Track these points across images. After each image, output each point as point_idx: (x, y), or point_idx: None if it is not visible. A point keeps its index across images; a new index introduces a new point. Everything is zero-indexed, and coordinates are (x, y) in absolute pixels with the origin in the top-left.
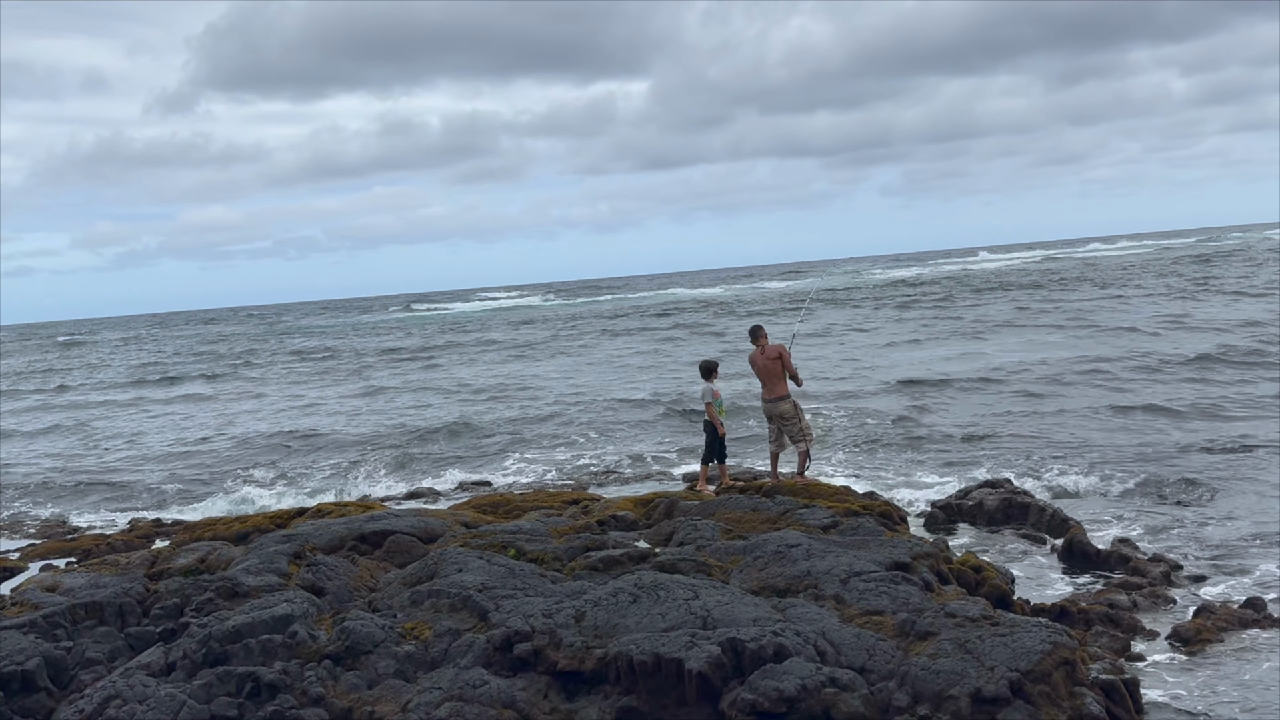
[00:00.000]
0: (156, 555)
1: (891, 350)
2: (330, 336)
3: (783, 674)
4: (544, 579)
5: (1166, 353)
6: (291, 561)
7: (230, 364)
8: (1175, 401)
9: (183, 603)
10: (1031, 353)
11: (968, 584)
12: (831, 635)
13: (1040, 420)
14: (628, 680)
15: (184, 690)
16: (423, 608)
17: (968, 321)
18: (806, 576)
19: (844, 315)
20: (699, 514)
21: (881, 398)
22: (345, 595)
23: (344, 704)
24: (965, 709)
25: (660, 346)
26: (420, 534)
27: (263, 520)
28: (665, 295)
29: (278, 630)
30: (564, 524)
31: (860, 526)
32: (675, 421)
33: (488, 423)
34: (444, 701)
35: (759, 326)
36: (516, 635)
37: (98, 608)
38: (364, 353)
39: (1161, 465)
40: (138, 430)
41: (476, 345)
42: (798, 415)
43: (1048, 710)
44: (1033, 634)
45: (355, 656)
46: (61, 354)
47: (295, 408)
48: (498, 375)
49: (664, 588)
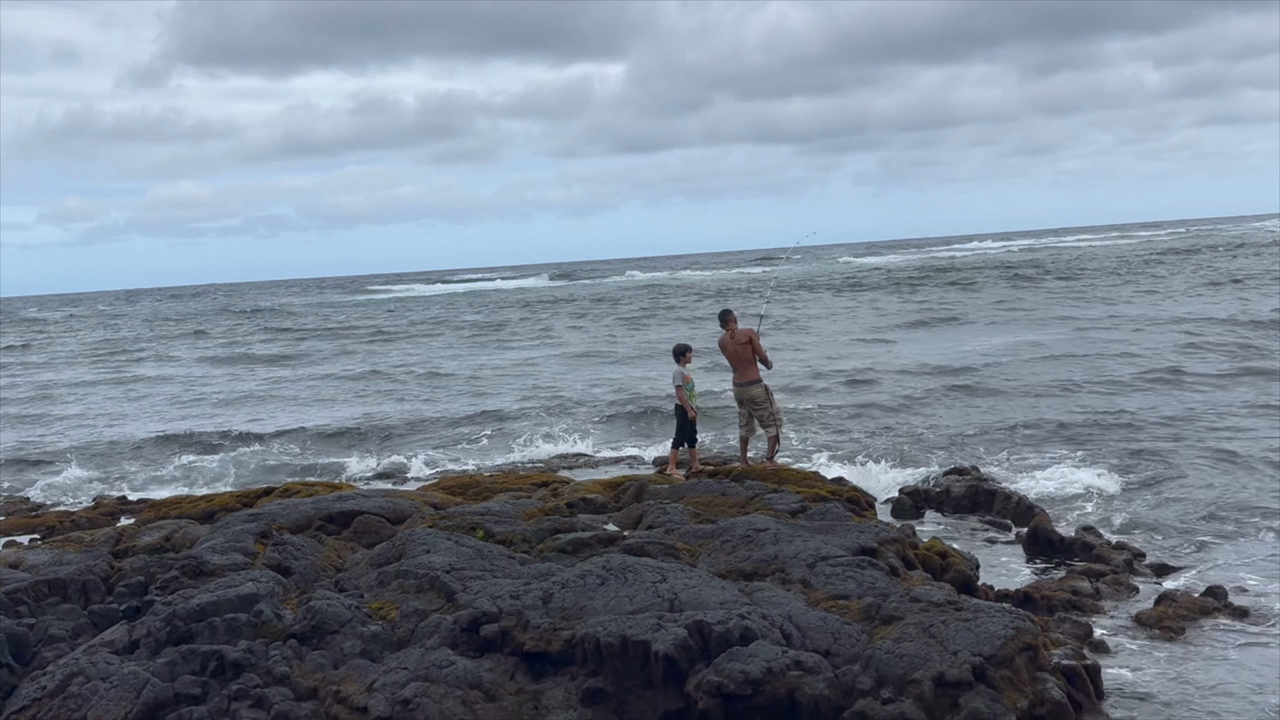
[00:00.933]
0: (122, 533)
1: (862, 338)
2: (302, 317)
3: (748, 657)
4: (512, 561)
5: (1143, 345)
6: (258, 541)
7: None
8: (1147, 391)
9: (147, 581)
10: (1003, 337)
11: (933, 569)
12: (797, 619)
13: (1008, 407)
14: (594, 662)
15: (147, 668)
16: (390, 588)
17: (936, 308)
18: (774, 561)
19: (814, 302)
20: (668, 497)
21: (847, 385)
22: (312, 575)
23: (309, 683)
24: (928, 693)
25: (636, 332)
26: (388, 515)
27: (229, 499)
28: (650, 278)
29: (243, 609)
30: (533, 506)
31: (828, 512)
32: (643, 408)
33: (461, 411)
34: (410, 681)
35: (728, 311)
36: (484, 616)
37: (61, 585)
38: (341, 334)
39: (1130, 453)
40: (105, 410)
41: (467, 328)
42: (769, 400)
43: (1009, 695)
44: (996, 619)
45: (321, 636)
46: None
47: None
48: (478, 361)
49: (632, 570)
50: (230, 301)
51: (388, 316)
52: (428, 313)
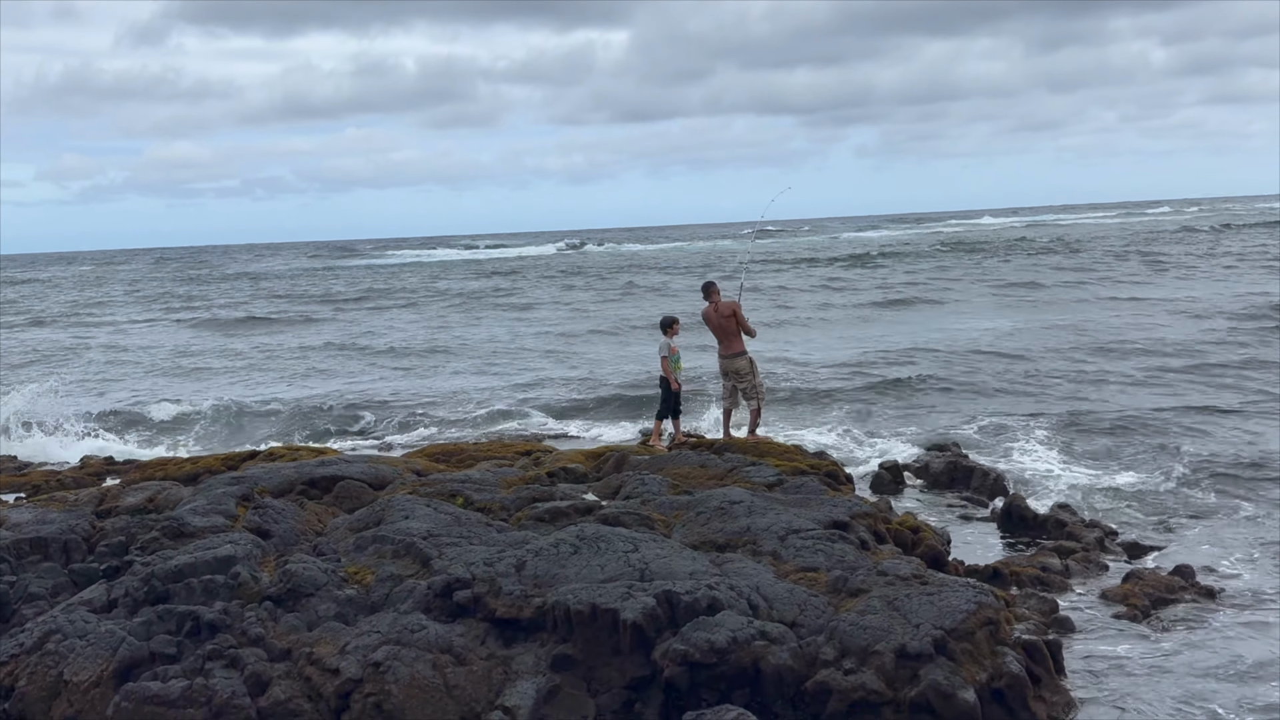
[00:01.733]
0: (106, 493)
1: (856, 314)
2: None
3: (714, 626)
4: (489, 528)
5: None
6: (240, 503)
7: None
8: (1133, 371)
9: (128, 541)
10: (996, 320)
11: (904, 544)
12: (765, 590)
13: (996, 384)
14: (564, 629)
15: (124, 627)
16: (366, 553)
17: (936, 288)
18: (746, 533)
19: (810, 277)
20: (648, 468)
21: (838, 364)
22: (291, 539)
23: (283, 644)
24: (889, 664)
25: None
26: (370, 480)
27: (214, 462)
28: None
29: (220, 571)
30: (514, 475)
31: (804, 485)
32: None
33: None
34: (381, 645)
35: (712, 283)
36: (457, 582)
37: (43, 543)
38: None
39: (1107, 433)
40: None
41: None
42: (753, 371)
43: (969, 667)
44: (959, 594)
45: (296, 599)
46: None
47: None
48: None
49: (605, 540)
50: (223, 265)
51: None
52: (464, 284)
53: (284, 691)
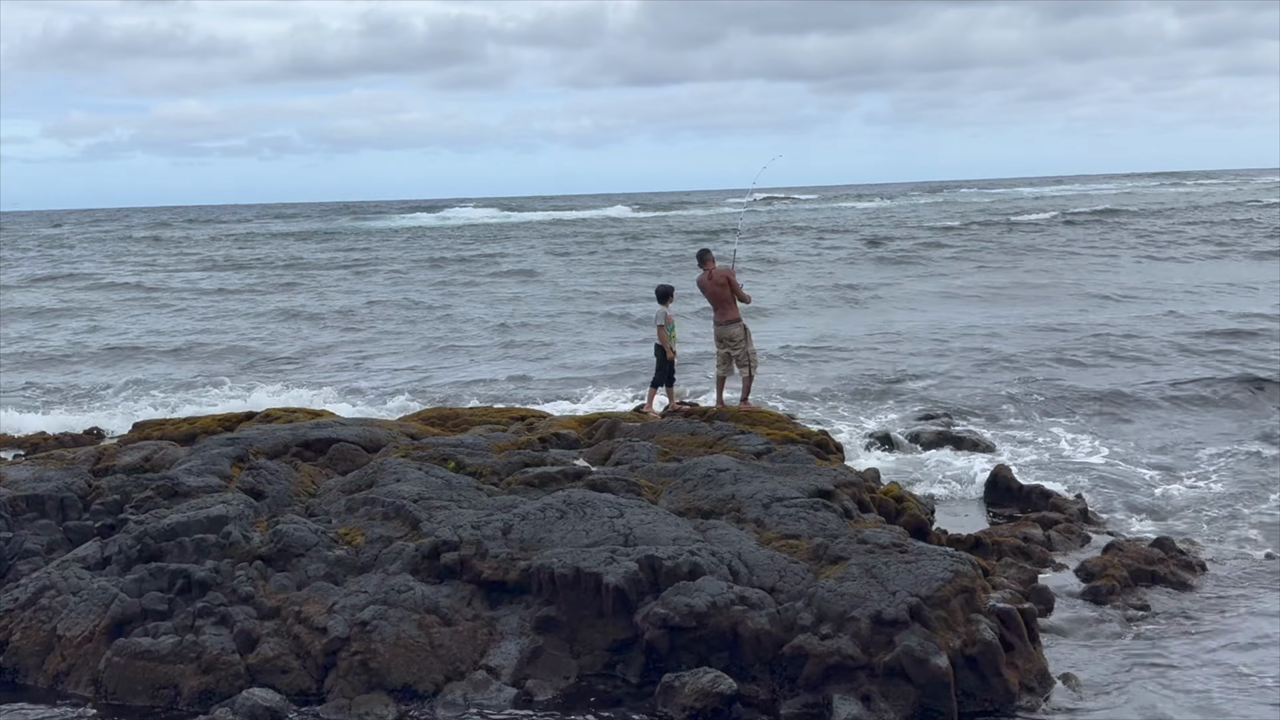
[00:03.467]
0: (103, 452)
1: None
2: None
3: (695, 591)
4: (479, 492)
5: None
6: (234, 464)
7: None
8: (1124, 351)
9: (123, 500)
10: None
11: (888, 513)
12: (747, 556)
13: (983, 359)
14: (548, 592)
15: (116, 584)
16: (357, 515)
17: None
18: (731, 500)
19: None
20: (639, 435)
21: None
22: (284, 500)
23: (272, 603)
24: (865, 630)
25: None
26: (364, 443)
27: (210, 423)
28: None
29: (212, 530)
30: (506, 439)
31: (791, 454)
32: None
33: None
34: (369, 605)
35: (706, 250)
36: (444, 545)
37: (39, 501)
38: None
39: (1098, 407)
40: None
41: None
42: (746, 339)
43: (943, 634)
44: (936, 562)
45: (287, 559)
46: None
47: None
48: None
49: (591, 505)
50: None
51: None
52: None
53: (272, 649)
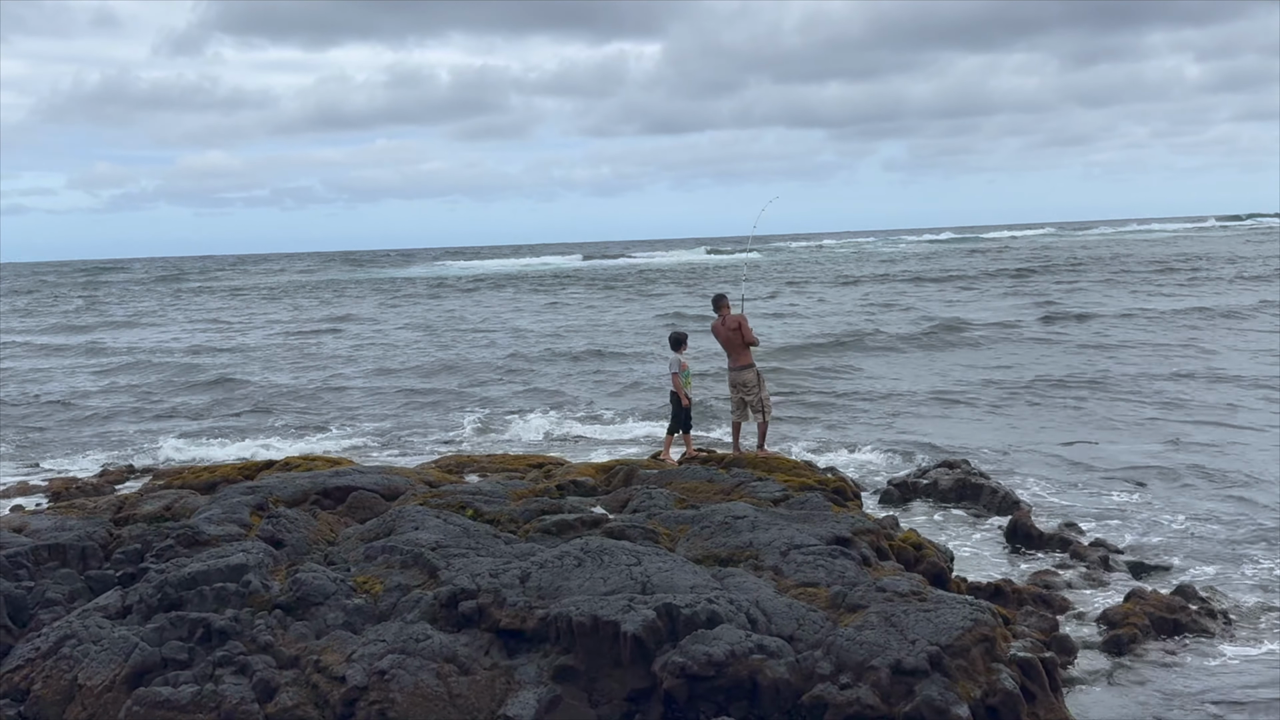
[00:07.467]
0: (124, 501)
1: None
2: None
3: (713, 639)
4: (497, 540)
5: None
6: (254, 512)
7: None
8: (1141, 385)
9: (144, 548)
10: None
11: (906, 560)
12: (765, 604)
13: (1006, 399)
14: (566, 640)
15: (137, 633)
16: (376, 563)
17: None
18: (749, 547)
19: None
20: (656, 482)
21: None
22: (303, 548)
23: (291, 652)
24: (885, 679)
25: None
26: (383, 491)
27: (231, 471)
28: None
29: (232, 579)
30: (524, 487)
31: (808, 501)
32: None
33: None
34: (387, 653)
35: (722, 296)
36: (462, 593)
37: (61, 550)
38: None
39: (1119, 453)
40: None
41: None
42: (759, 385)
43: (964, 684)
44: (956, 610)
45: (305, 607)
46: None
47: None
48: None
49: (608, 553)
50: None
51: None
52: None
53: (291, 698)
